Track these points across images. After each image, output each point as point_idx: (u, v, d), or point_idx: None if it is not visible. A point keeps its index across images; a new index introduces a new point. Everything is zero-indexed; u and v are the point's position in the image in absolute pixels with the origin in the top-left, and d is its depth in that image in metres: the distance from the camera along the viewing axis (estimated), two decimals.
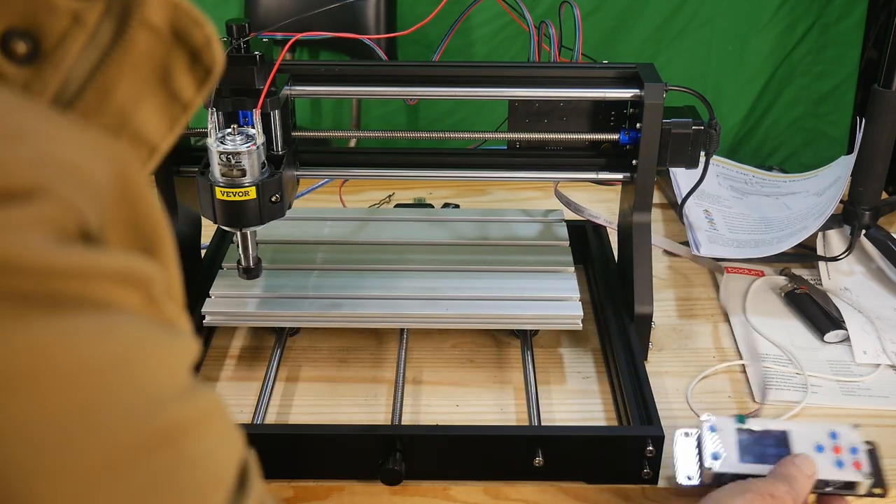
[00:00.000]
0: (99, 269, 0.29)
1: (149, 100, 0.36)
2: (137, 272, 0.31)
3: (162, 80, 0.36)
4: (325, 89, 0.88)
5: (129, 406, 0.29)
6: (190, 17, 0.36)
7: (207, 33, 0.37)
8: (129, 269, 0.30)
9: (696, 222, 1.07)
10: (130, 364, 0.30)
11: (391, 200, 1.19)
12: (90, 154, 0.31)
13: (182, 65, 0.37)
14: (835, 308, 0.95)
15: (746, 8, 1.93)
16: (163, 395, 0.31)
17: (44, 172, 0.28)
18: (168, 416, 0.31)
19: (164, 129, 0.37)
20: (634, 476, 0.74)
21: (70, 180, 0.29)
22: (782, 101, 2.03)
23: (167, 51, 0.36)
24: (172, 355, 0.32)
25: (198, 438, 0.32)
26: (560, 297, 0.89)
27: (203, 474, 0.32)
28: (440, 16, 0.85)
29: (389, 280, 0.91)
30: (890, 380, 0.88)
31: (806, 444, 0.69)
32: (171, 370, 0.32)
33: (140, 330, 0.31)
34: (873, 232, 1.02)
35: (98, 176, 0.31)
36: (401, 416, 0.80)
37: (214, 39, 0.37)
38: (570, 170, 0.90)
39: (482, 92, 0.86)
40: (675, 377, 0.88)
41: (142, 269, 0.31)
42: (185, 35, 0.36)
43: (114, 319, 0.29)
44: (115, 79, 0.35)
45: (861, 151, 1.00)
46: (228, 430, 0.35)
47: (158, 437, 0.30)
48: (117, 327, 0.29)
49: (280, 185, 0.78)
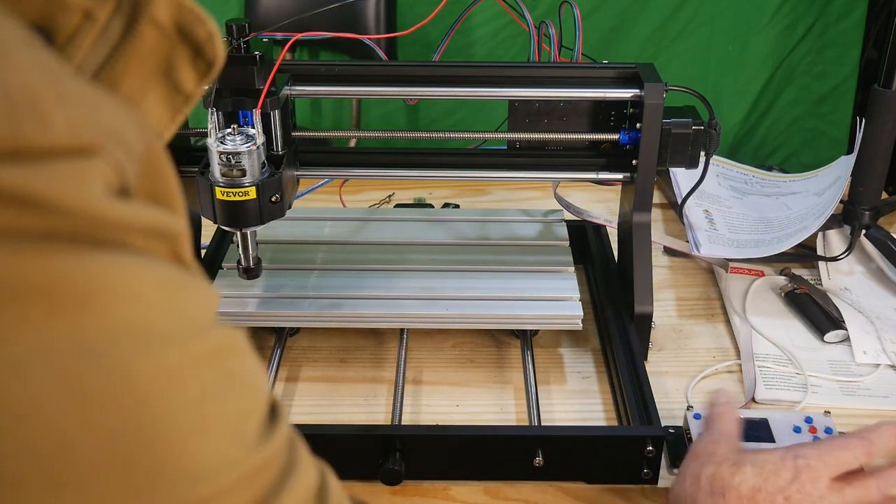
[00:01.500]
0: (138, 221, 0.32)
1: (153, 91, 0.39)
2: (167, 227, 0.34)
3: (166, 73, 0.39)
4: (325, 89, 0.88)
5: (179, 325, 0.33)
6: (194, 15, 0.38)
7: (210, 29, 0.39)
8: (162, 223, 0.34)
9: (696, 222, 1.07)
10: (173, 290, 0.33)
11: (391, 200, 1.19)
12: (128, 122, 0.34)
13: (185, 59, 0.39)
14: (835, 308, 0.95)
15: (746, 8, 1.93)
16: (204, 320, 0.34)
17: (102, 133, 0.32)
18: (211, 338, 0.34)
19: (166, 119, 0.40)
20: (634, 476, 0.74)
21: (118, 143, 0.33)
22: (782, 101, 2.03)
23: (171, 46, 0.38)
24: (202, 291, 0.35)
25: (238, 360, 0.36)
26: (560, 297, 0.89)
27: (243, 394, 0.36)
28: (440, 16, 0.85)
29: (389, 280, 0.91)
30: (890, 380, 0.88)
31: (784, 427, 0.75)
32: (204, 303, 0.35)
33: (173, 269, 0.34)
34: (873, 232, 1.02)
35: (134, 143, 0.34)
36: (401, 416, 0.80)
37: (216, 35, 0.39)
38: (569, 170, 0.90)
39: (482, 92, 0.86)
40: (675, 377, 0.88)
41: (171, 225, 0.34)
42: (189, 31, 0.38)
43: (151, 259, 0.33)
44: (123, 72, 0.37)
45: (861, 151, 1.00)
46: (257, 365, 0.38)
47: (208, 351, 0.34)
48: (155, 264, 0.33)
49: (280, 185, 0.78)
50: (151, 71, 0.38)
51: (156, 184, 0.36)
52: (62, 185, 0.29)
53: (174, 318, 0.33)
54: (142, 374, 0.31)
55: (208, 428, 0.33)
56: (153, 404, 0.31)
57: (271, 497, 0.36)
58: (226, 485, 0.34)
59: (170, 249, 0.34)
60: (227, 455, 0.34)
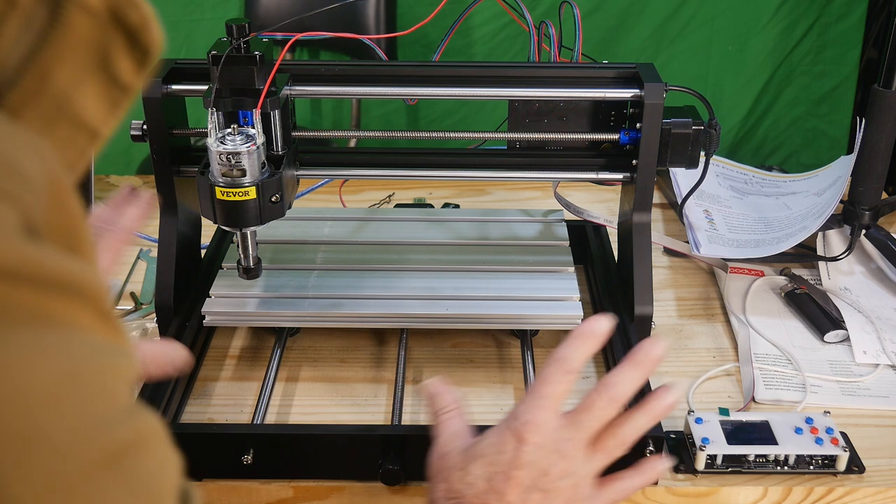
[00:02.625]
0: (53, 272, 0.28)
1: (88, 84, 0.35)
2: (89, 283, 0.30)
3: (101, 64, 0.35)
4: (325, 89, 0.88)
5: (76, 427, 0.28)
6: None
7: (144, 14, 0.36)
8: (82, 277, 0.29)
9: (696, 222, 1.07)
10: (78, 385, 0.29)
11: (391, 200, 1.19)
12: (23, 150, 0.30)
13: (121, 47, 0.36)
14: (835, 308, 0.95)
15: (746, 8, 1.93)
16: (108, 415, 0.30)
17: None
18: (113, 436, 0.30)
19: (104, 114, 0.36)
20: None
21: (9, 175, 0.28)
22: (782, 101, 2.03)
23: (105, 33, 0.35)
24: (117, 376, 0.31)
25: (139, 460, 0.31)
26: (560, 297, 0.89)
27: (147, 497, 0.31)
28: (440, 16, 0.85)
29: (389, 280, 0.91)
30: (890, 380, 0.88)
31: (785, 429, 0.76)
32: (116, 391, 0.31)
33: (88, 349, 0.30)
34: (873, 232, 1.02)
35: (33, 173, 0.30)
36: (401, 416, 0.80)
37: (152, 20, 0.36)
38: (569, 170, 0.90)
39: (482, 92, 0.86)
40: (675, 377, 0.88)
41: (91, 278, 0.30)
42: (122, 16, 0.35)
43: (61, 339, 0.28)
44: (53, 63, 0.34)
45: (861, 151, 1.00)
46: (169, 453, 0.33)
47: (103, 458, 0.29)
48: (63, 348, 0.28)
49: (280, 185, 0.78)
50: (84, 61, 0.35)
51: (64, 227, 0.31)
52: None
53: (69, 422, 0.28)
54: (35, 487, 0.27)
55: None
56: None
57: None
58: None
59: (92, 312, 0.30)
60: None
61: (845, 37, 1.97)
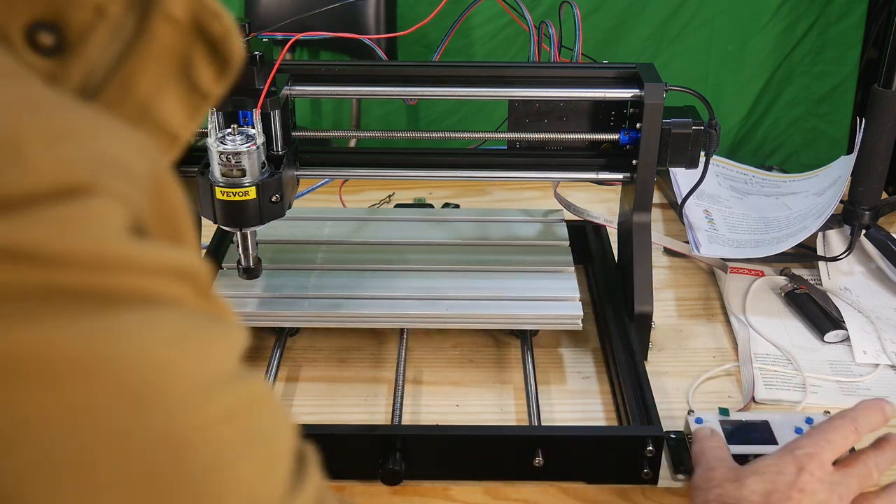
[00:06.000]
0: (155, 262, 0.30)
1: (170, 90, 0.37)
2: (188, 266, 0.32)
3: (183, 71, 0.37)
4: (325, 89, 0.88)
5: (189, 387, 0.31)
6: (209, 10, 0.37)
7: (226, 25, 0.37)
8: (182, 263, 0.32)
9: (696, 222, 1.07)
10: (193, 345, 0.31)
11: (391, 200, 1.19)
12: (129, 149, 0.32)
13: (202, 56, 0.38)
14: (835, 308, 0.95)
15: (746, 8, 1.93)
16: (219, 377, 0.32)
17: (98, 167, 0.30)
18: (231, 393, 0.33)
19: (184, 119, 0.38)
20: (634, 476, 0.74)
21: (119, 175, 0.30)
22: (782, 101, 2.03)
23: (188, 42, 0.37)
24: (224, 343, 0.33)
25: (254, 417, 0.34)
26: (560, 297, 0.89)
27: (265, 451, 0.34)
28: (440, 16, 0.85)
29: (389, 280, 0.91)
30: (890, 380, 0.88)
31: (786, 429, 0.76)
32: (225, 356, 0.33)
33: (190, 321, 0.32)
34: (873, 232, 1.02)
35: (138, 170, 0.32)
36: (401, 416, 0.80)
37: (233, 31, 0.38)
38: (570, 170, 0.90)
39: (482, 92, 0.86)
40: (675, 377, 0.88)
41: (191, 263, 0.32)
42: (206, 27, 0.37)
43: (165, 313, 0.31)
44: (138, 70, 0.36)
45: (861, 151, 1.00)
46: (281, 414, 0.36)
47: (220, 413, 0.32)
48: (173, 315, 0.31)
49: (280, 185, 0.78)
50: (167, 69, 0.37)
51: (167, 216, 0.34)
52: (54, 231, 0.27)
53: (193, 378, 0.31)
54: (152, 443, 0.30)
55: (224, 496, 0.32)
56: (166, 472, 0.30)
57: None
58: None
59: (193, 289, 0.32)
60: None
61: (845, 37, 1.97)
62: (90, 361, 0.28)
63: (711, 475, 0.66)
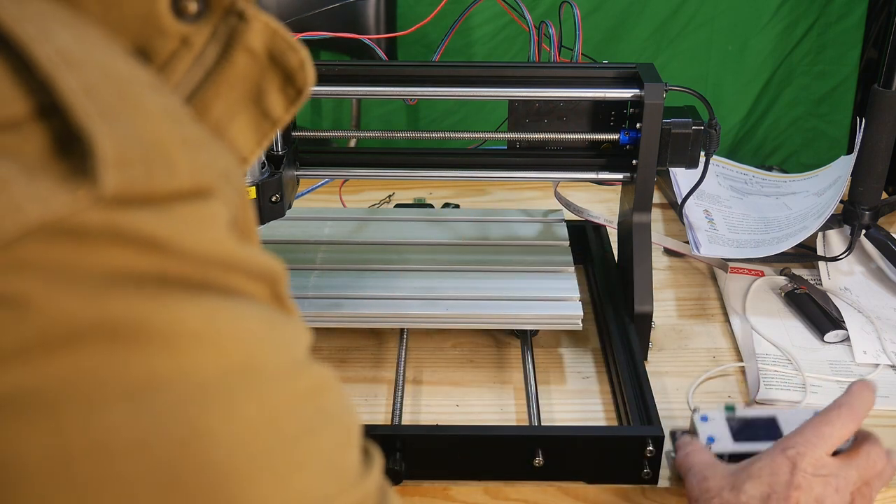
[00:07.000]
0: (248, 263, 0.33)
1: (241, 116, 0.39)
2: (271, 269, 0.35)
3: (255, 99, 0.39)
4: (325, 89, 0.88)
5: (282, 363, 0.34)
6: (286, 43, 0.39)
7: (302, 57, 0.39)
8: (267, 266, 0.35)
9: (696, 222, 1.07)
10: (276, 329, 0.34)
11: (391, 200, 1.19)
12: (229, 159, 0.36)
13: (275, 85, 0.40)
14: (835, 308, 0.95)
15: (746, 8, 1.93)
16: (299, 359, 0.35)
17: (217, 174, 0.33)
18: (308, 375, 0.36)
19: (253, 144, 0.40)
20: (634, 476, 0.74)
21: (229, 183, 0.34)
22: (782, 101, 2.03)
23: (262, 72, 0.39)
24: (300, 333, 0.36)
25: (329, 398, 0.36)
26: (560, 297, 0.89)
27: (339, 430, 0.36)
28: (440, 16, 0.85)
29: (389, 280, 0.91)
30: (890, 380, 0.88)
31: (794, 424, 0.74)
32: (300, 344, 0.36)
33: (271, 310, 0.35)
34: (873, 232, 1.02)
35: (235, 178, 0.36)
36: (401, 416, 0.80)
37: (308, 63, 0.40)
38: (570, 170, 0.90)
39: (482, 92, 0.86)
40: (675, 377, 0.88)
41: (274, 267, 0.35)
42: (281, 58, 0.39)
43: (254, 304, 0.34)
44: (214, 96, 0.38)
45: (861, 151, 1.00)
46: (349, 402, 0.39)
47: (305, 390, 0.35)
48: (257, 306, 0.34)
49: (280, 185, 0.78)
50: (241, 96, 0.39)
51: (247, 221, 0.37)
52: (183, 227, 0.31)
53: (278, 356, 0.34)
54: (248, 413, 0.32)
55: (308, 463, 0.34)
56: (257, 441, 0.32)
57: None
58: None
59: (270, 291, 0.35)
60: (327, 490, 0.35)
61: (845, 37, 1.97)
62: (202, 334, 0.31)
63: (707, 485, 0.66)
